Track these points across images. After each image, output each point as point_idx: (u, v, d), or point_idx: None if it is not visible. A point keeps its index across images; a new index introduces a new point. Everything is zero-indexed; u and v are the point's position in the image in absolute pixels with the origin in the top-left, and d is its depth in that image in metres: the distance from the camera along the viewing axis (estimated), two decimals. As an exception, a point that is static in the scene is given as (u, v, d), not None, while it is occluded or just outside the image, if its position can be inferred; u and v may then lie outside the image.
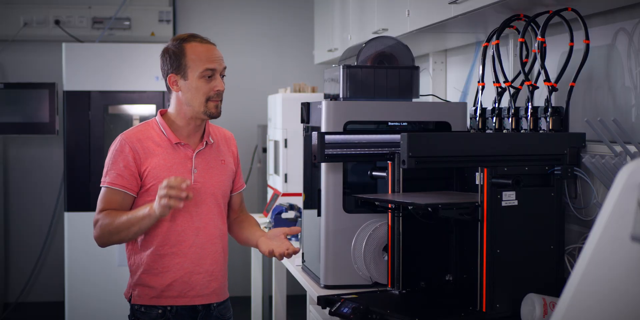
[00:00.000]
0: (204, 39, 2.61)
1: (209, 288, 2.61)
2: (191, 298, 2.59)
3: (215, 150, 2.67)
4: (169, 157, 2.57)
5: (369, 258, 2.82)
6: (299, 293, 4.10)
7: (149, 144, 2.57)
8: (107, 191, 2.55)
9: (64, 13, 5.91)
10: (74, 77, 5.24)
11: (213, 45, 2.60)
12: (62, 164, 5.54)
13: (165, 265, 2.57)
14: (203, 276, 2.60)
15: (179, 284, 2.57)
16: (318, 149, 2.72)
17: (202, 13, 6.27)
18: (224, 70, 2.60)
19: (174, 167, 2.57)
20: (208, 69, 2.53)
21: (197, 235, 2.58)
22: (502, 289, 2.33)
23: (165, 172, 2.54)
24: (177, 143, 2.58)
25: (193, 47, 2.56)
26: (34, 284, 6.13)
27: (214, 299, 2.63)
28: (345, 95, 2.90)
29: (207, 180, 2.60)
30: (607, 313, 1.25)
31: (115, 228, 2.49)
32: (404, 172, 2.64)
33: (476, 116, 2.97)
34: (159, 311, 2.57)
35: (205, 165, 2.61)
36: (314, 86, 5.01)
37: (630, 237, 1.22)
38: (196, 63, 2.54)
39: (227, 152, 2.72)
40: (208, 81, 2.55)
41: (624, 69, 2.60)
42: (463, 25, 3.13)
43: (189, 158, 2.59)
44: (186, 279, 2.58)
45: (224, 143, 2.72)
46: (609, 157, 2.34)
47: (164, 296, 2.57)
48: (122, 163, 2.53)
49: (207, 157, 2.63)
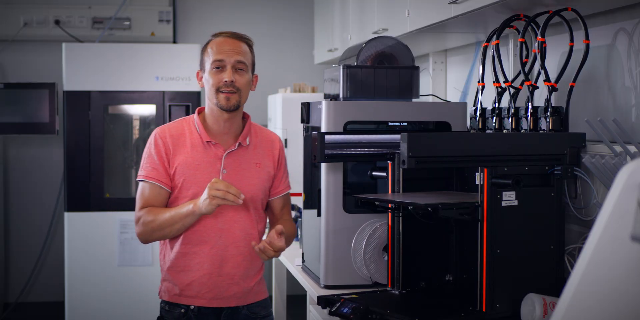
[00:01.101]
0: (231, 34, 2.59)
1: (228, 291, 2.58)
2: (209, 300, 2.57)
3: (251, 152, 2.62)
4: (198, 156, 2.56)
5: (369, 258, 2.82)
6: (299, 293, 4.10)
7: (181, 141, 2.57)
8: (143, 186, 2.56)
9: (64, 13, 5.91)
10: (74, 77, 5.24)
11: (233, 39, 2.58)
12: (62, 164, 5.54)
13: (187, 264, 2.56)
14: (223, 279, 2.57)
15: (197, 285, 2.56)
16: (318, 149, 2.72)
17: (202, 13, 6.27)
18: (239, 64, 2.55)
19: (202, 165, 2.55)
20: (216, 60, 2.53)
21: (220, 237, 2.56)
22: (502, 289, 2.33)
23: (193, 171, 2.54)
24: (208, 141, 2.57)
25: (213, 42, 2.57)
26: (34, 284, 6.13)
27: (233, 302, 2.59)
28: (345, 95, 2.90)
29: (236, 181, 2.55)
30: (607, 313, 1.25)
31: (158, 225, 2.49)
32: (404, 172, 2.64)
33: (476, 116, 2.97)
34: (182, 311, 2.57)
35: (236, 166, 2.58)
36: (314, 86, 5.02)
37: (630, 237, 1.22)
38: (209, 56, 2.55)
39: (267, 155, 2.66)
40: (217, 73, 2.54)
41: (624, 69, 2.60)
42: (463, 25, 3.13)
43: (219, 158, 2.57)
44: (205, 280, 2.56)
45: (264, 146, 2.67)
46: (609, 157, 2.34)
47: (184, 295, 2.57)
48: (156, 157, 2.55)
49: (239, 158, 2.60)
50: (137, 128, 5.48)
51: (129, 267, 5.23)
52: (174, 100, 5.28)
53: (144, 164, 2.57)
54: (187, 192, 2.54)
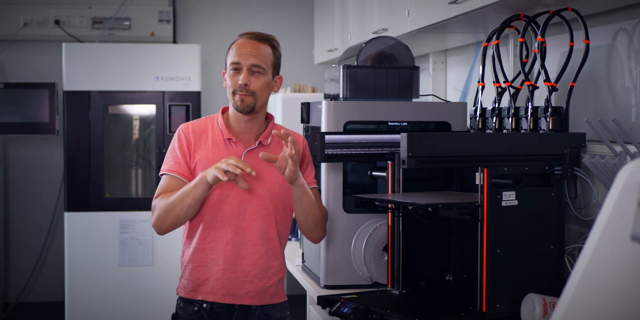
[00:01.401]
0: (254, 34, 2.60)
1: (242, 289, 2.58)
2: (221, 296, 2.57)
3: (272, 151, 2.60)
4: (219, 152, 2.58)
5: (369, 258, 2.82)
6: (299, 293, 4.10)
7: (204, 137, 2.61)
8: (165, 179, 2.60)
9: (64, 13, 5.91)
10: (74, 77, 5.24)
11: (254, 40, 2.58)
12: (62, 164, 5.54)
13: (203, 260, 2.58)
14: (237, 276, 2.57)
15: (213, 280, 2.57)
16: (318, 149, 2.72)
17: (202, 13, 6.27)
18: (254, 67, 2.54)
19: None
20: (233, 62, 2.56)
21: (236, 234, 2.56)
22: (502, 289, 2.33)
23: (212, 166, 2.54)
24: (228, 139, 2.59)
25: (236, 43, 2.60)
26: (34, 284, 6.13)
27: (247, 301, 2.59)
28: (345, 95, 2.90)
29: (255, 180, 2.56)
30: (607, 313, 1.25)
31: (170, 204, 2.50)
32: (404, 172, 2.64)
33: (476, 116, 2.97)
34: (195, 308, 2.59)
35: (255, 165, 2.56)
36: (314, 86, 5.02)
37: (630, 237, 1.22)
38: (229, 58, 2.59)
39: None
40: (234, 75, 2.56)
41: (624, 69, 2.60)
42: (463, 25, 3.13)
43: (239, 155, 2.58)
44: (219, 275, 2.57)
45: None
46: (609, 157, 2.34)
47: (200, 291, 2.58)
48: (179, 151, 2.59)
49: (259, 157, 2.59)
50: (137, 128, 5.48)
51: (129, 267, 5.24)
52: (174, 100, 5.28)
53: (167, 159, 2.62)
54: None
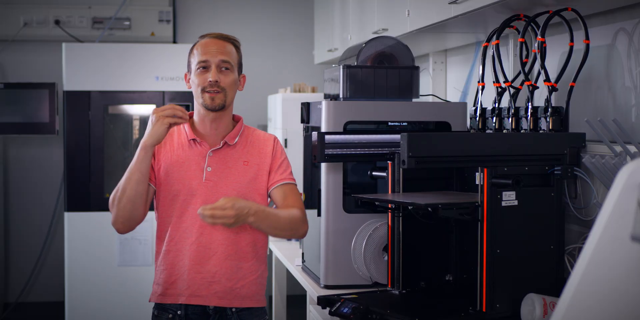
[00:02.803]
0: (217, 34, 2.60)
1: (209, 289, 2.54)
2: (187, 297, 2.54)
3: (239, 151, 2.60)
4: (183, 153, 2.57)
5: (369, 258, 2.82)
6: (299, 293, 4.10)
7: (169, 139, 2.59)
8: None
9: (64, 13, 5.91)
10: (74, 77, 5.24)
11: (219, 39, 2.57)
12: (62, 164, 5.54)
13: (169, 262, 2.56)
14: (203, 276, 2.54)
15: (180, 282, 2.55)
16: (318, 149, 2.72)
17: (202, 13, 6.27)
18: (223, 63, 2.53)
19: (187, 163, 2.55)
20: (201, 61, 2.54)
21: (202, 234, 2.54)
22: (502, 289, 2.33)
23: (178, 168, 2.55)
24: (193, 139, 2.58)
25: (199, 44, 2.58)
26: (34, 284, 6.13)
27: (215, 302, 2.54)
28: (345, 95, 2.90)
29: (221, 179, 2.55)
30: (607, 313, 1.25)
31: (120, 188, 2.48)
32: (404, 172, 2.64)
33: (476, 116, 2.97)
34: (169, 316, 2.56)
35: (221, 164, 2.56)
36: (314, 86, 5.02)
37: (630, 237, 1.22)
38: (194, 57, 2.56)
39: (257, 153, 2.61)
40: (202, 73, 2.54)
41: (624, 69, 2.60)
42: (463, 25, 3.13)
43: (204, 156, 2.57)
44: (185, 276, 2.54)
45: (255, 145, 2.63)
46: (609, 157, 2.34)
47: (167, 294, 2.56)
48: None
49: (225, 157, 2.58)
50: (137, 128, 5.47)
51: (129, 267, 5.23)
52: (174, 100, 5.28)
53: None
54: (170, 188, 2.55)
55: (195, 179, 2.54)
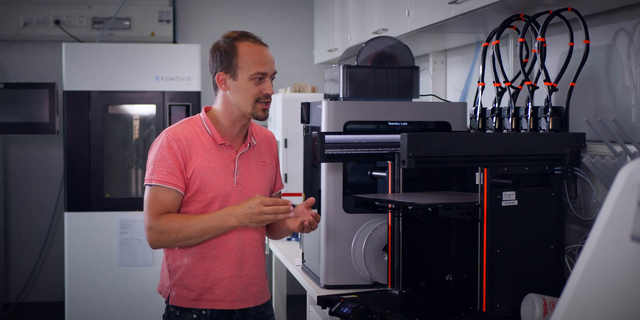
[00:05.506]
0: (257, 39, 2.55)
1: (247, 292, 2.57)
2: (230, 302, 2.54)
3: (257, 152, 2.61)
4: (213, 158, 2.52)
5: (369, 258, 2.82)
6: (299, 293, 4.10)
7: (195, 143, 2.51)
8: (157, 190, 2.46)
9: (64, 13, 5.91)
10: (74, 77, 5.25)
11: (265, 46, 2.54)
12: (62, 164, 5.54)
13: (206, 268, 2.52)
14: (243, 280, 2.55)
15: (219, 288, 2.53)
16: (318, 149, 2.72)
17: (202, 13, 6.27)
18: (275, 74, 2.54)
19: (218, 168, 2.51)
20: (259, 72, 2.48)
21: (239, 239, 2.54)
22: (502, 289, 2.33)
23: (210, 174, 2.50)
24: (221, 144, 2.53)
25: (245, 47, 2.50)
26: (34, 284, 6.13)
27: (252, 303, 2.58)
28: (345, 95, 2.90)
29: (249, 182, 2.56)
30: (607, 313, 1.25)
31: (185, 236, 2.44)
32: (404, 172, 2.64)
33: (476, 116, 2.97)
34: (194, 316, 2.53)
35: (247, 167, 2.57)
36: (314, 86, 5.01)
37: (630, 237, 1.22)
38: (248, 64, 2.48)
39: (268, 153, 2.66)
40: (257, 83, 2.49)
41: (624, 69, 2.60)
42: (463, 25, 3.13)
43: (232, 160, 2.54)
44: (226, 283, 2.53)
45: (265, 143, 2.67)
46: (609, 157, 2.34)
47: (203, 299, 2.53)
48: (171, 160, 2.46)
49: (249, 158, 2.58)
50: (137, 128, 5.48)
51: (129, 267, 5.24)
52: (174, 100, 5.29)
53: (157, 168, 2.47)
54: (205, 196, 2.49)
55: (227, 184, 2.52)
